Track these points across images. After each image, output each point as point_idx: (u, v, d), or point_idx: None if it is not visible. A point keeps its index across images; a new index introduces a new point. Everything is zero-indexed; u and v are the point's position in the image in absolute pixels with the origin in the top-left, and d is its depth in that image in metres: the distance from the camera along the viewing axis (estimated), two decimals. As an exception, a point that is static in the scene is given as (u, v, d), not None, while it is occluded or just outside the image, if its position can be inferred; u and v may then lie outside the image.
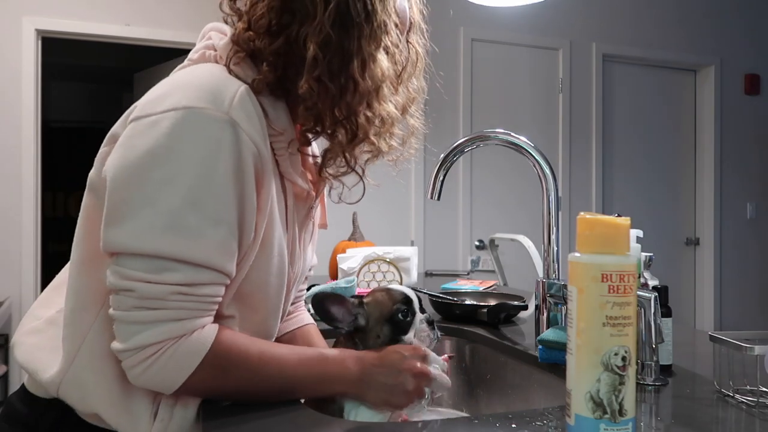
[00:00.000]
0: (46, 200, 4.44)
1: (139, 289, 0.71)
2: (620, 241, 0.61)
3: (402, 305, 0.88)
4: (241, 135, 0.74)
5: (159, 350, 0.72)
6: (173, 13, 3.81)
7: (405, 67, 0.88)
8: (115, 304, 0.73)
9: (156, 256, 0.71)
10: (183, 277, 0.72)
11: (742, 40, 4.62)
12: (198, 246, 0.72)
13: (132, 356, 0.72)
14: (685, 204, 4.58)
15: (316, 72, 0.78)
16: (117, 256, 0.73)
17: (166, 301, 0.72)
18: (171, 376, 0.74)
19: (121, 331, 0.73)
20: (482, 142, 1.18)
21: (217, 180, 0.73)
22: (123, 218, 0.72)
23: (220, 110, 0.74)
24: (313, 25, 0.78)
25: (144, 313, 0.72)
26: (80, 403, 0.80)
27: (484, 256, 3.85)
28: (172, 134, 0.72)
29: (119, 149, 0.75)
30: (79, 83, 6.58)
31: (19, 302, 3.52)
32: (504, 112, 4.01)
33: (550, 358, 1.02)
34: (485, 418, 0.81)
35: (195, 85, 0.76)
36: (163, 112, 0.73)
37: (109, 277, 0.73)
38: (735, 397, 0.80)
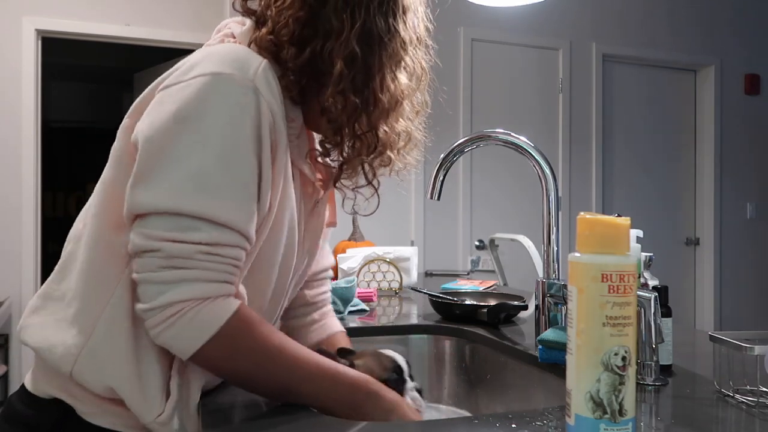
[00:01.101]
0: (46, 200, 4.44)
1: (165, 248, 0.72)
2: (620, 241, 0.61)
3: (393, 374, 0.88)
4: (262, 103, 0.77)
5: (182, 309, 0.72)
6: (173, 13, 3.81)
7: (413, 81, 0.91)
8: (140, 266, 0.74)
9: (180, 214, 0.72)
10: (207, 236, 0.73)
11: (742, 40, 4.62)
12: (222, 205, 0.74)
13: (156, 315, 0.73)
14: (685, 204, 4.58)
15: (340, 86, 0.81)
16: (142, 218, 0.74)
17: (191, 260, 0.73)
18: (190, 338, 0.74)
19: (146, 292, 0.73)
20: (482, 142, 1.19)
21: (241, 143, 0.75)
22: (150, 179, 0.73)
23: (246, 77, 0.76)
24: (339, 41, 0.81)
25: (171, 272, 0.72)
26: (95, 379, 0.80)
27: (484, 256, 3.85)
28: (200, 97, 0.74)
29: (150, 114, 0.77)
30: (79, 83, 6.58)
31: (19, 302, 3.52)
32: (504, 112, 4.01)
33: (550, 358, 1.02)
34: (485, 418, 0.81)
35: (221, 55, 0.78)
36: (191, 78, 0.76)
37: (135, 239, 0.74)
38: (735, 397, 0.80)
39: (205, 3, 3.83)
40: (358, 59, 0.81)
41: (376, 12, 0.83)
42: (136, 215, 0.74)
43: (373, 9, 0.82)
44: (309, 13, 0.81)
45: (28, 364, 3.52)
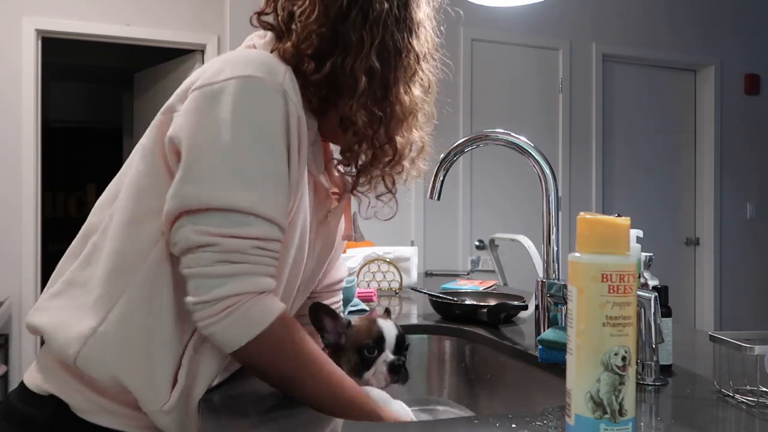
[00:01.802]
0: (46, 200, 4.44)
1: (222, 243, 0.75)
2: (620, 241, 0.61)
3: (372, 342, 0.91)
4: (291, 106, 0.81)
5: (236, 303, 0.75)
6: (173, 13, 3.81)
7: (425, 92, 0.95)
8: (194, 261, 0.76)
9: (234, 210, 0.75)
10: (259, 231, 0.77)
11: (742, 40, 4.62)
12: (268, 202, 0.78)
13: (209, 308, 0.75)
14: (685, 204, 4.58)
15: (363, 99, 0.86)
16: (191, 215, 0.76)
17: (246, 254, 0.76)
18: (241, 331, 0.76)
19: (201, 286, 0.75)
20: (482, 142, 1.19)
21: (277, 142, 0.79)
22: (200, 176, 0.76)
23: (275, 81, 0.80)
24: (359, 56, 0.85)
25: (227, 266, 0.75)
26: (100, 366, 0.80)
27: (484, 256, 3.85)
28: (238, 99, 0.78)
29: (189, 114, 0.79)
30: (79, 83, 6.58)
31: (19, 302, 3.52)
32: (504, 112, 4.00)
33: (550, 358, 1.02)
34: (485, 418, 0.81)
35: (251, 59, 0.82)
36: (225, 80, 0.79)
37: (188, 235, 0.76)
38: (735, 397, 0.80)
39: (205, 3, 3.83)
40: (377, 73, 0.86)
41: (393, 28, 0.87)
42: (184, 212, 0.76)
43: (390, 25, 0.87)
44: (331, 28, 0.85)
45: (28, 364, 3.51)
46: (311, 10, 0.85)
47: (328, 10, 0.85)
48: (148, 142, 0.85)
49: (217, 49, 3.81)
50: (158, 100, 0.86)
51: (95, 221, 0.89)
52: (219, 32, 3.80)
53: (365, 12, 0.85)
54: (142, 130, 0.87)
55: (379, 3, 0.86)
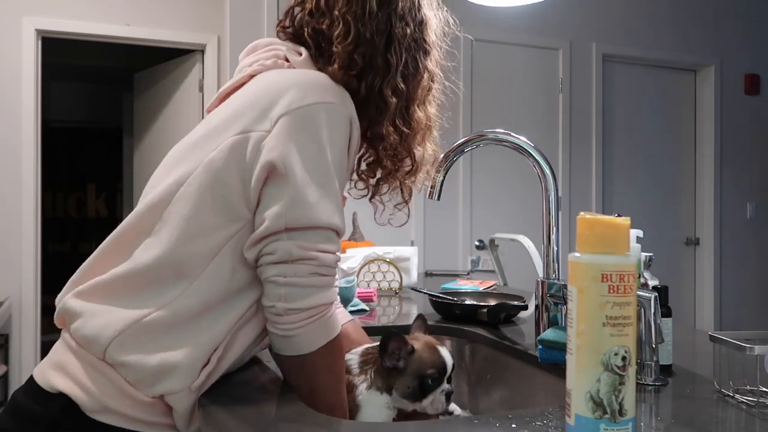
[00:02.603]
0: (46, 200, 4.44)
1: (320, 258, 0.83)
2: (620, 241, 0.61)
3: (436, 373, 0.93)
4: (355, 131, 0.90)
5: (323, 312, 0.84)
6: (173, 13, 3.81)
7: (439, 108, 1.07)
8: (291, 272, 0.82)
9: (328, 228, 0.84)
10: (337, 247, 0.87)
11: (742, 40, 4.62)
12: (341, 218, 0.87)
13: (300, 313, 0.83)
14: (685, 204, 4.58)
15: (392, 117, 0.95)
16: (293, 231, 0.83)
17: (332, 268, 0.85)
18: (319, 336, 0.85)
19: (292, 294, 0.82)
20: (482, 142, 1.19)
21: (344, 166, 0.90)
22: (307, 198, 0.83)
23: (346, 108, 0.88)
24: (387, 77, 0.93)
25: (319, 278, 0.84)
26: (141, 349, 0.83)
27: (484, 256, 3.85)
28: (328, 125, 0.85)
29: (286, 140, 0.83)
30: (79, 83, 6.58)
31: (19, 302, 3.52)
32: (504, 112, 4.00)
33: (550, 358, 1.02)
34: (485, 418, 0.81)
35: (324, 84, 0.89)
36: (312, 104, 0.85)
37: (291, 249, 0.82)
38: (735, 397, 0.80)
39: (205, 3, 3.83)
40: (402, 93, 0.95)
41: (414, 52, 0.96)
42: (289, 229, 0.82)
43: (411, 49, 0.96)
44: (366, 52, 0.92)
45: (28, 364, 3.52)
46: (347, 32, 0.91)
47: (361, 33, 0.92)
48: (218, 159, 0.86)
49: (217, 49, 3.81)
50: (158, 100, 0.86)
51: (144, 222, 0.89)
52: (219, 32, 3.80)
53: (390, 36, 0.94)
54: (142, 130, 0.88)
55: (401, 27, 0.94)
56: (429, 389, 0.93)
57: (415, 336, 1.00)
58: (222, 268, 0.86)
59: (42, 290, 3.62)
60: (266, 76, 0.92)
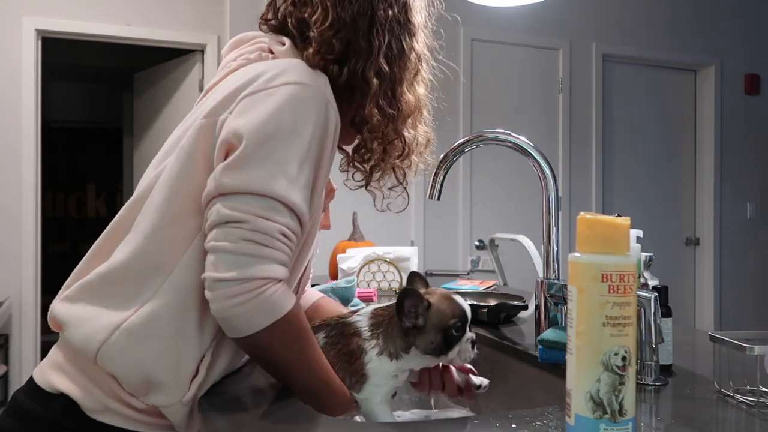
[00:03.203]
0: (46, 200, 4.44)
1: (252, 221, 0.78)
2: (620, 241, 0.61)
3: (459, 322, 0.91)
4: (331, 115, 0.87)
5: (261, 287, 0.77)
6: (173, 13, 3.81)
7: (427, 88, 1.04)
8: (221, 235, 0.78)
9: (268, 196, 0.79)
10: (286, 221, 0.80)
11: (742, 40, 4.62)
12: (300, 199, 0.82)
13: (232, 287, 0.76)
14: (685, 204, 4.58)
15: (376, 100, 0.93)
16: (229, 195, 0.79)
17: (273, 239, 0.79)
18: (259, 317, 0.78)
19: (224, 261, 0.77)
20: (482, 142, 1.19)
21: (317, 147, 0.85)
22: (245, 165, 0.80)
23: (321, 91, 0.86)
24: (370, 60, 0.92)
25: (253, 246, 0.77)
26: (126, 356, 0.82)
27: (484, 256, 3.85)
28: (290, 102, 0.83)
29: (244, 115, 0.82)
30: (79, 83, 6.58)
31: (19, 302, 3.52)
32: (504, 112, 4.00)
33: (550, 358, 1.02)
34: (485, 418, 0.81)
35: (300, 67, 0.87)
36: (278, 85, 0.84)
37: (221, 210, 0.78)
38: (735, 397, 0.80)
39: (205, 3, 3.83)
40: (386, 74, 0.93)
41: (398, 33, 0.95)
42: (220, 194, 0.79)
43: (395, 30, 0.94)
44: (346, 36, 0.91)
45: (28, 364, 3.52)
46: (324, 17, 0.91)
47: (340, 17, 0.91)
48: (186, 144, 0.86)
49: (217, 49, 3.81)
50: (158, 100, 0.86)
51: (126, 218, 0.89)
52: (219, 32, 3.80)
53: (372, 18, 0.92)
54: (142, 130, 0.88)
55: (383, 10, 0.93)
56: (454, 340, 0.91)
57: (427, 291, 0.97)
58: (196, 258, 0.83)
59: (42, 290, 3.62)
60: (247, 67, 0.91)
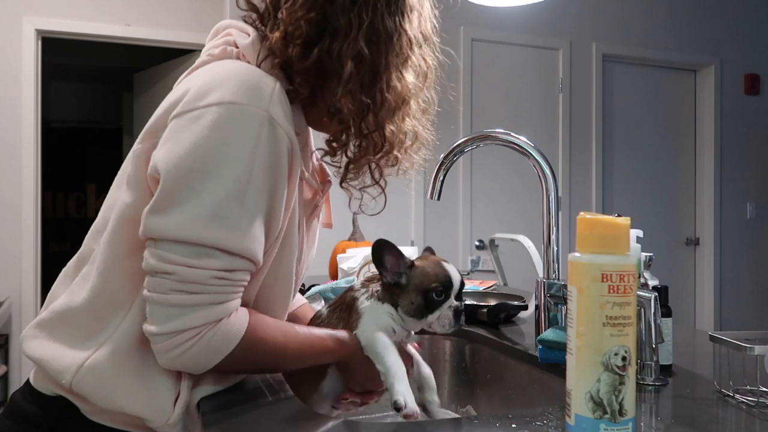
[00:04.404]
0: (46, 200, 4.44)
1: (179, 272, 0.73)
2: (620, 241, 0.61)
3: (440, 287, 0.90)
4: (279, 131, 0.77)
5: (197, 335, 0.74)
6: (173, 13, 3.81)
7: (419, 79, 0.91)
8: (151, 285, 0.75)
9: (198, 244, 0.73)
10: (221, 264, 0.75)
11: (742, 40, 4.62)
12: (237, 236, 0.75)
13: (168, 340, 0.74)
14: (685, 204, 4.58)
15: (350, 86, 0.82)
16: (158, 242, 0.74)
17: (204, 285, 0.74)
18: (206, 359, 0.76)
19: (157, 314, 0.74)
20: (482, 142, 1.19)
21: (256, 174, 0.76)
22: (169, 207, 0.74)
23: (260, 107, 0.76)
24: (347, 40, 0.82)
25: (182, 296, 0.73)
26: (96, 393, 0.80)
27: (484, 256, 3.85)
28: (216, 128, 0.74)
29: (167, 144, 0.77)
30: (79, 83, 6.58)
31: (19, 302, 3.52)
32: (504, 112, 4.00)
33: (550, 358, 1.02)
34: (485, 418, 0.81)
35: (235, 80, 0.78)
36: (206, 106, 0.76)
37: (148, 259, 0.75)
38: (735, 397, 0.80)
39: (205, 3, 3.83)
40: (366, 59, 0.82)
41: (383, 11, 0.83)
42: (150, 238, 0.75)
43: (380, 8, 0.83)
44: (319, 13, 0.82)
45: (29, 364, 3.51)
46: None
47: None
48: (132, 172, 0.82)
49: (217, 49, 3.80)
50: (158, 100, 0.84)
51: (86, 250, 0.87)
52: (219, 32, 3.80)
53: None
54: (142, 130, 0.86)
55: None
56: (435, 304, 0.90)
57: (424, 256, 0.98)
58: None
59: (42, 290, 3.62)
60: (198, 72, 0.85)
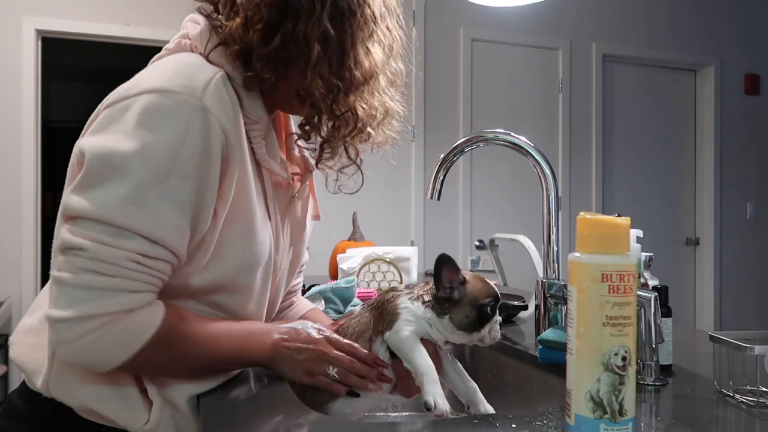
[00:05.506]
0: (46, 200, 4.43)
1: (93, 249, 0.70)
2: (620, 241, 0.61)
3: (493, 301, 0.92)
4: (212, 121, 0.75)
5: (108, 322, 0.70)
6: (173, 13, 3.80)
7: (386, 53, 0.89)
8: (61, 264, 0.71)
9: (115, 225, 0.71)
10: (138, 247, 0.72)
11: (742, 40, 4.62)
12: (155, 222, 0.72)
13: (75, 326, 0.69)
14: (685, 204, 4.58)
15: (318, 68, 0.80)
16: (76, 219, 0.72)
17: (121, 268, 0.70)
18: (114, 352, 0.72)
19: (64, 296, 0.69)
20: (482, 142, 1.18)
21: (182, 162, 0.74)
22: (89, 187, 0.72)
23: (193, 96, 0.75)
24: (311, 21, 0.79)
25: (95, 277, 0.69)
26: (71, 399, 0.81)
27: (484, 256, 3.85)
28: (144, 115, 0.73)
29: (94, 131, 0.76)
30: (79, 83, 6.58)
31: (19, 302, 3.52)
32: (504, 112, 4.01)
33: (550, 358, 1.02)
34: (485, 418, 0.81)
35: (170, 70, 0.77)
36: (136, 94, 0.74)
37: (62, 234, 0.72)
38: (735, 397, 0.80)
39: (205, 3, 3.83)
40: (332, 38, 0.80)
41: None
42: (69, 216, 0.73)
43: None
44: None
45: (28, 364, 3.51)
46: None
47: None
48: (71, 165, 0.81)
49: (217, 49, 3.80)
50: (159, 101, 0.83)
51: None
52: (219, 32, 3.80)
53: None
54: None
55: None
56: (487, 318, 0.91)
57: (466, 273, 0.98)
58: None
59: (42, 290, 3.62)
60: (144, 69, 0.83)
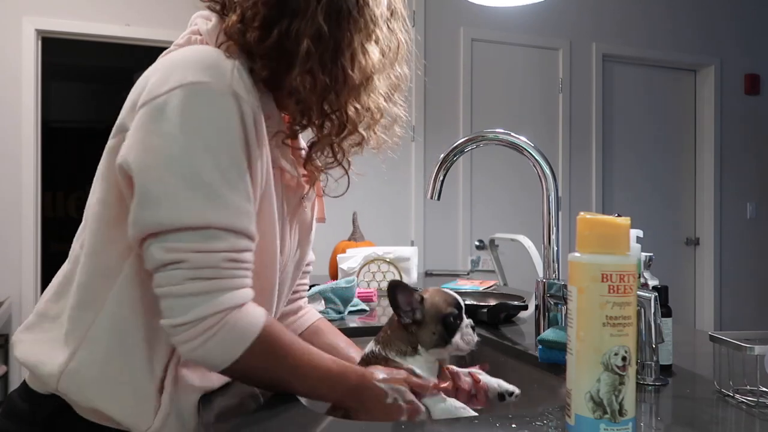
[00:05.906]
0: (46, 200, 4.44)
1: (191, 259, 0.71)
2: (620, 241, 0.61)
3: (454, 310, 0.94)
4: (244, 106, 0.76)
5: (218, 322, 0.72)
6: (173, 13, 3.80)
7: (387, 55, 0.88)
8: (163, 280, 0.73)
9: (201, 227, 0.72)
10: (229, 245, 0.73)
11: (742, 40, 4.62)
12: (234, 214, 0.74)
13: (189, 330, 0.72)
14: (685, 204, 4.58)
15: (308, 65, 0.80)
16: (158, 236, 0.72)
17: (219, 269, 0.73)
18: (227, 350, 0.74)
19: (174, 307, 0.72)
20: (482, 142, 1.19)
21: (233, 150, 0.75)
22: (158, 199, 0.72)
23: (223, 83, 0.75)
24: (305, 18, 0.79)
25: (199, 283, 0.72)
26: (79, 396, 0.80)
27: (484, 256, 3.85)
28: (184, 111, 0.73)
29: (136, 135, 0.75)
30: (79, 83, 6.58)
31: (19, 302, 3.52)
32: (504, 112, 4.01)
33: (550, 358, 1.02)
34: (485, 418, 0.81)
35: (194, 61, 0.77)
36: (169, 91, 0.74)
37: (155, 254, 0.72)
38: (735, 397, 0.80)
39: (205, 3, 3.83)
40: (325, 36, 0.80)
41: None
42: (149, 235, 0.73)
43: None
44: None
45: (28, 364, 3.51)
46: None
47: None
48: (103, 168, 0.82)
49: (217, 49, 3.80)
50: (159, 101, 0.83)
51: (72, 250, 0.87)
52: (219, 32, 3.80)
53: None
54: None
55: None
56: (454, 327, 0.93)
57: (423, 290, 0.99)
58: (128, 292, 0.79)
59: (42, 290, 3.62)
60: (159, 61, 0.82)
